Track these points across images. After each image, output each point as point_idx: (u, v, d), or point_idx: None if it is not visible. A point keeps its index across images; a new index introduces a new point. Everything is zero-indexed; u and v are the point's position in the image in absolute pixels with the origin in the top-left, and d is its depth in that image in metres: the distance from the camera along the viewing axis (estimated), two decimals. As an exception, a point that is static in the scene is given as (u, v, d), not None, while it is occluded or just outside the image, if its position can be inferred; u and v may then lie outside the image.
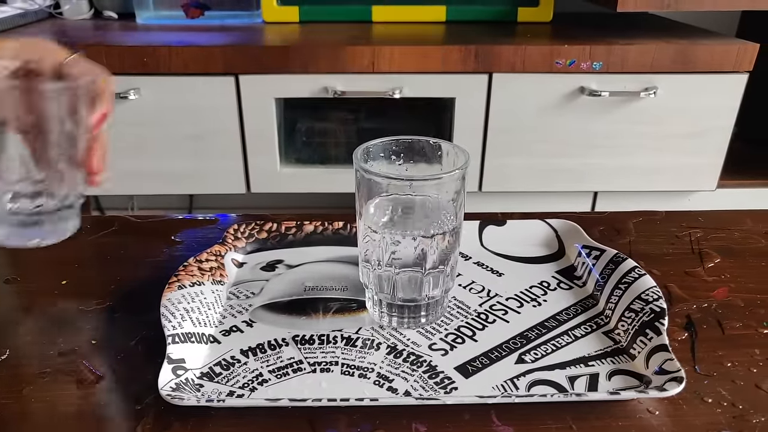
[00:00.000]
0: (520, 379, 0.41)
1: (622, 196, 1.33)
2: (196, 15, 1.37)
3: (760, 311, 0.48)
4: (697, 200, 1.34)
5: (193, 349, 0.42)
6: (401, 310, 0.45)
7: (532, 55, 1.15)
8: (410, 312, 0.45)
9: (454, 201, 0.43)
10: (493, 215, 0.60)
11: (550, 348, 0.44)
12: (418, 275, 0.43)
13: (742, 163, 1.40)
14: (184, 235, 0.59)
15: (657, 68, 1.17)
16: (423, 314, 0.45)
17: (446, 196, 0.43)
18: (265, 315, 0.47)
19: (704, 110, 1.22)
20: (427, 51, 1.14)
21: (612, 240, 0.59)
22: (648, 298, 0.45)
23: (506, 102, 1.20)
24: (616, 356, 0.43)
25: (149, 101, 1.17)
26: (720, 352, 0.43)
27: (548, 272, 0.53)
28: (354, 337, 0.45)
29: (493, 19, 1.39)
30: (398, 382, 0.40)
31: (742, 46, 1.17)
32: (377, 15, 1.38)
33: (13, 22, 1.26)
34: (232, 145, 1.22)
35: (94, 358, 0.42)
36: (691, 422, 0.37)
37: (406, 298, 0.44)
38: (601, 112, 1.21)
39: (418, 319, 0.45)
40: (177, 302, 0.45)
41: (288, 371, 0.41)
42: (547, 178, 1.27)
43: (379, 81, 1.17)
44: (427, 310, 0.45)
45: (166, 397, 0.36)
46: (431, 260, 0.43)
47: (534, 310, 0.48)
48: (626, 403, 0.39)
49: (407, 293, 0.44)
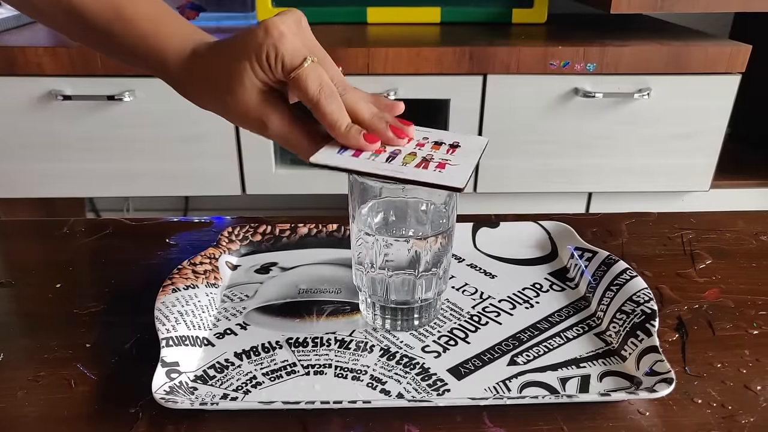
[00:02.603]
0: (512, 381, 0.41)
1: (617, 196, 1.33)
2: (192, 17, 1.37)
3: (751, 312, 0.48)
4: (691, 201, 1.34)
5: (187, 352, 0.42)
6: (394, 312, 0.45)
7: (527, 57, 1.16)
8: (403, 314, 0.45)
9: (446, 204, 0.43)
10: (486, 217, 0.61)
11: (542, 350, 0.44)
12: (411, 278, 0.43)
13: (736, 164, 1.40)
14: (178, 237, 0.59)
15: (650, 69, 1.18)
16: (416, 317, 0.46)
17: (439, 199, 0.43)
18: (259, 318, 0.47)
19: (698, 111, 1.22)
20: (421, 52, 1.15)
21: (604, 241, 0.59)
22: (639, 300, 0.46)
23: (501, 103, 1.20)
24: (608, 358, 0.43)
25: (144, 103, 1.17)
26: (710, 353, 0.44)
27: (541, 274, 0.54)
28: (347, 339, 0.45)
29: (487, 20, 1.39)
30: (391, 385, 0.41)
31: (735, 47, 1.17)
32: (372, 17, 1.39)
33: (7, 24, 1.26)
34: (227, 146, 1.22)
35: (89, 361, 0.43)
36: (681, 423, 0.37)
37: (399, 301, 0.44)
38: (595, 114, 1.21)
39: (411, 322, 0.46)
40: (171, 305, 0.45)
41: (282, 374, 0.41)
42: (542, 179, 1.28)
43: (374, 82, 1.17)
44: (420, 313, 0.46)
45: (159, 401, 0.36)
46: (424, 263, 0.43)
47: (526, 312, 0.48)
48: (617, 405, 0.39)
49: (400, 295, 0.44)
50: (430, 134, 0.43)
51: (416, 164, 0.38)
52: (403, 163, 0.38)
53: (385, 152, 0.39)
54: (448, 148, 0.41)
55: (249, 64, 0.39)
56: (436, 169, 0.38)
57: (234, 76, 0.40)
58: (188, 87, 0.43)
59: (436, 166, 0.38)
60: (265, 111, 0.41)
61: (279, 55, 0.39)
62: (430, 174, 0.37)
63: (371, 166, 0.38)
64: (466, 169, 0.38)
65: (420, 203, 0.45)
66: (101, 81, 1.14)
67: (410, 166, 0.38)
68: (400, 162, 0.38)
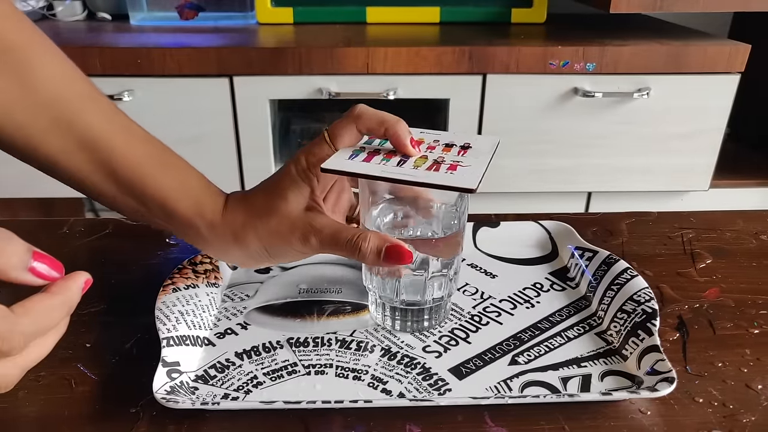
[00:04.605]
0: (513, 381, 0.41)
1: (616, 196, 1.33)
2: (191, 16, 1.37)
3: (751, 311, 0.49)
4: (690, 200, 1.35)
5: (187, 352, 0.42)
6: (405, 313, 0.45)
7: (526, 56, 1.16)
8: (413, 315, 0.45)
9: (456, 205, 0.43)
10: (486, 217, 0.61)
11: (543, 349, 0.44)
12: (421, 279, 0.43)
13: (735, 164, 1.41)
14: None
15: (650, 69, 1.18)
16: (426, 317, 0.45)
17: (449, 200, 0.43)
18: (260, 317, 0.47)
19: (697, 111, 1.22)
20: (421, 52, 1.15)
21: (605, 241, 0.59)
22: (640, 299, 0.46)
23: (500, 103, 1.20)
24: (609, 357, 0.43)
25: (143, 103, 1.17)
26: (711, 352, 0.44)
27: (541, 274, 0.53)
28: (348, 339, 0.45)
29: (487, 20, 1.39)
30: (392, 384, 0.41)
31: (734, 47, 1.17)
32: (371, 16, 1.39)
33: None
34: (226, 146, 1.22)
35: (89, 361, 0.43)
36: (682, 422, 0.37)
37: (410, 302, 0.44)
38: (594, 113, 1.22)
39: (422, 323, 0.45)
40: (172, 305, 0.45)
41: (282, 374, 0.41)
42: (541, 179, 1.28)
43: (373, 82, 1.17)
44: (429, 314, 0.45)
45: (161, 401, 0.36)
46: (434, 264, 0.43)
47: (527, 311, 0.48)
48: (618, 404, 0.39)
49: (410, 296, 0.44)
50: (441, 137, 0.43)
51: (428, 167, 0.38)
52: (414, 167, 0.38)
53: (396, 156, 0.39)
54: (459, 150, 0.41)
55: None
56: (447, 171, 0.38)
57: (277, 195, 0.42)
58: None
59: (447, 168, 0.38)
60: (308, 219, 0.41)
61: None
62: (442, 176, 0.37)
63: (382, 170, 0.38)
64: (478, 169, 0.38)
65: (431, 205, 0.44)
66: (101, 81, 1.14)
67: (421, 169, 0.38)
68: (411, 165, 0.38)
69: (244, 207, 0.43)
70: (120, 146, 0.40)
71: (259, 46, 1.18)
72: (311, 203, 0.41)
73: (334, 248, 0.40)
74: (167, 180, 0.42)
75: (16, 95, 0.37)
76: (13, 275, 0.27)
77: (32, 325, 0.28)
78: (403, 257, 0.39)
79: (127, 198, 0.41)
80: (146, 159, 0.41)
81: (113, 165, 0.40)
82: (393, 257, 0.39)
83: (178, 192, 0.42)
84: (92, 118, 0.40)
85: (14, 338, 0.27)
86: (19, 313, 0.27)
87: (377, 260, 0.39)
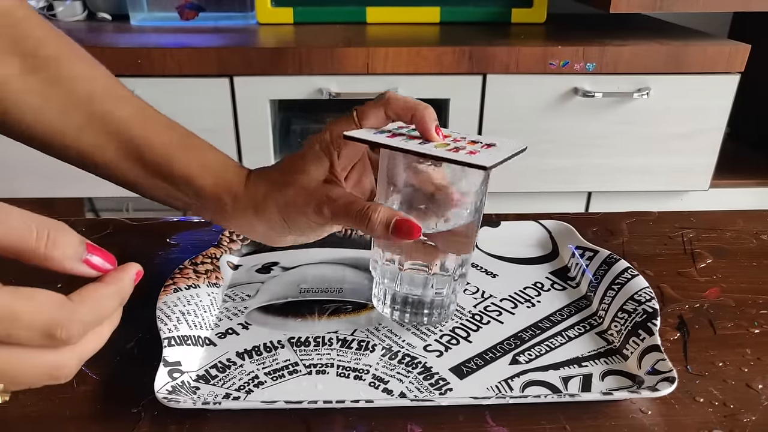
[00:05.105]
0: (514, 380, 0.41)
1: (616, 196, 1.33)
2: (191, 17, 1.37)
3: (752, 311, 0.49)
4: (690, 200, 1.35)
5: (189, 352, 0.42)
6: (404, 304, 0.45)
7: (526, 56, 1.16)
8: (413, 307, 0.45)
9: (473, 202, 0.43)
10: (487, 216, 0.61)
11: (544, 349, 0.44)
12: (423, 274, 0.43)
13: (735, 163, 1.41)
14: (179, 237, 0.59)
15: (650, 69, 1.18)
16: (426, 312, 0.45)
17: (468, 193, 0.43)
18: (261, 317, 0.47)
19: (697, 111, 1.23)
20: (421, 52, 1.15)
21: (605, 241, 0.59)
22: (641, 299, 0.46)
23: (500, 103, 1.20)
24: (609, 357, 0.43)
25: (143, 103, 1.17)
26: (712, 351, 0.44)
27: (542, 273, 0.54)
28: (349, 339, 0.45)
29: (487, 20, 1.40)
30: (393, 384, 0.41)
31: (734, 47, 1.17)
32: (371, 16, 1.39)
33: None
34: (226, 146, 1.22)
35: (91, 361, 0.42)
36: (682, 422, 0.38)
37: (411, 293, 0.44)
38: (594, 113, 1.22)
39: (421, 317, 0.45)
40: (173, 305, 0.45)
41: (284, 373, 0.41)
42: (541, 179, 1.28)
43: (373, 82, 1.18)
44: (430, 308, 0.45)
45: (162, 400, 0.36)
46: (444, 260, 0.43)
47: (528, 311, 0.48)
48: (619, 403, 0.39)
49: (412, 288, 0.44)
50: (468, 135, 0.43)
51: (448, 149, 0.38)
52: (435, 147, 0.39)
53: (419, 140, 0.40)
54: (483, 145, 0.41)
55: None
56: (467, 153, 0.38)
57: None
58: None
59: (467, 152, 0.38)
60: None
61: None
62: (459, 155, 0.37)
63: (402, 144, 0.39)
64: (496, 155, 0.38)
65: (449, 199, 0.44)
66: (101, 81, 1.14)
67: (441, 150, 0.38)
68: (432, 146, 0.39)
69: (265, 179, 0.44)
70: (148, 134, 0.44)
71: (260, 47, 1.18)
72: (330, 176, 0.42)
73: (346, 218, 0.41)
74: (192, 160, 0.45)
75: (53, 96, 0.41)
76: (68, 266, 0.28)
77: (90, 314, 0.28)
78: (412, 231, 0.39)
79: (155, 180, 0.44)
80: (172, 142, 0.44)
81: (141, 150, 0.43)
82: (402, 231, 0.39)
83: (203, 169, 0.45)
84: (122, 112, 0.43)
85: (73, 326, 0.27)
86: (76, 301, 0.27)
87: (385, 232, 0.39)
